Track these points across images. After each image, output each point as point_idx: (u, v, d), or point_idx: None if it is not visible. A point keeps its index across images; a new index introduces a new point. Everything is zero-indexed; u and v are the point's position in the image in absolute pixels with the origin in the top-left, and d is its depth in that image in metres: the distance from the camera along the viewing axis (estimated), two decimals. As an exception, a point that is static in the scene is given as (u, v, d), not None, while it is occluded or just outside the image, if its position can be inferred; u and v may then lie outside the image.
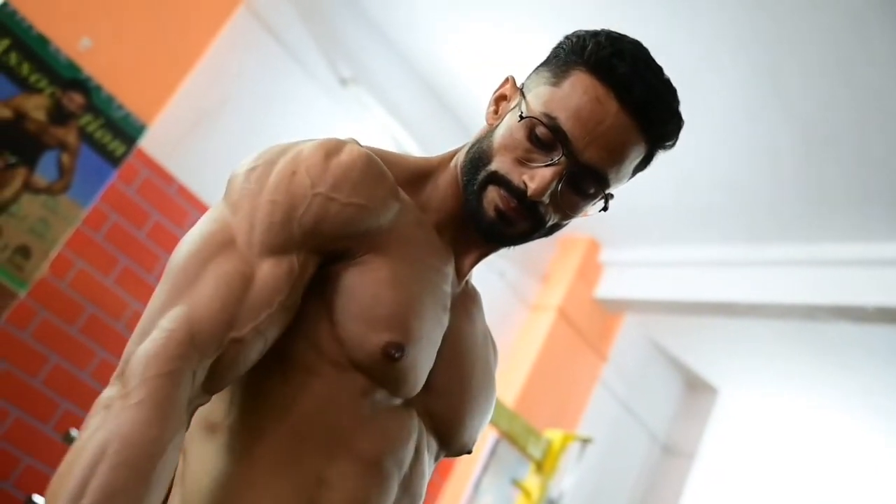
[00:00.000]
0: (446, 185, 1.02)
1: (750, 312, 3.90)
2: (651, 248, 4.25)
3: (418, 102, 3.83)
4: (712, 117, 3.26)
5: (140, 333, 0.84)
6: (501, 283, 4.20)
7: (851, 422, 4.63)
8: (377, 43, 3.73)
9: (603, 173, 0.95)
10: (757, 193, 3.56)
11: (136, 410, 0.78)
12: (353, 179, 0.91)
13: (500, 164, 0.96)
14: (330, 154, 0.92)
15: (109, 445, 0.76)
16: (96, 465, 0.75)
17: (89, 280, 2.94)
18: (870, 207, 3.33)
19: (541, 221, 0.97)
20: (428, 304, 0.94)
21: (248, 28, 3.34)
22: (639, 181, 0.95)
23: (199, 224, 0.91)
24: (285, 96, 3.48)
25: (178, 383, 0.80)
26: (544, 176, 0.92)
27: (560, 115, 0.93)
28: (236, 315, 0.83)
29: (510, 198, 0.94)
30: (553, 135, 0.93)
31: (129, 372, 0.80)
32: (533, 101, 0.96)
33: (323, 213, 0.88)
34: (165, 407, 0.79)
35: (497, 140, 0.97)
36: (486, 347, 1.09)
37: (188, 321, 0.82)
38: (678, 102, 1.01)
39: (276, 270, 0.86)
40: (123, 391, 0.79)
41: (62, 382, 2.88)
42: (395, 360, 0.89)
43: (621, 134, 0.93)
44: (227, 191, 0.92)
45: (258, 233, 0.87)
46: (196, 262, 0.86)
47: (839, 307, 3.55)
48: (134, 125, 2.98)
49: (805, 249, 3.69)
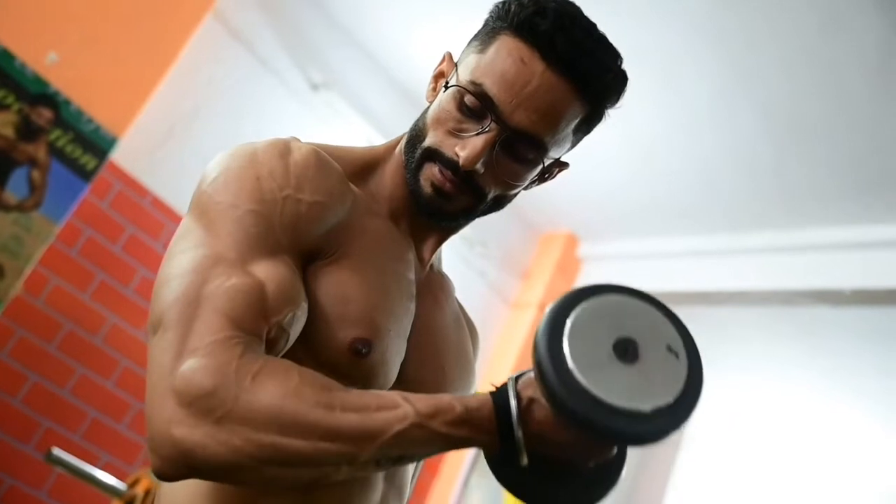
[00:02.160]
0: (394, 172, 1.01)
1: (729, 300, 3.93)
2: (629, 241, 4.26)
3: (391, 104, 3.82)
4: (686, 110, 3.27)
5: (168, 372, 0.76)
6: (482, 283, 4.20)
7: (833, 404, 4.68)
8: (347, 47, 3.71)
9: (537, 137, 0.92)
10: (732, 184, 3.58)
11: (260, 379, 0.75)
12: (311, 177, 0.90)
13: (433, 138, 0.95)
14: (284, 154, 0.91)
15: (285, 404, 0.74)
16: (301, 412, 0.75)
17: (65, 296, 2.91)
18: (839, 193, 3.37)
19: (480, 193, 0.95)
20: (393, 296, 0.93)
21: (218, 36, 3.32)
22: (614, 175, 0.95)
23: (175, 255, 0.84)
24: (257, 103, 3.46)
25: (255, 350, 0.78)
26: (475, 144, 0.91)
27: (485, 80, 0.91)
28: (263, 311, 0.80)
29: (445, 171, 0.93)
30: (480, 102, 0.91)
31: (205, 386, 0.74)
32: (462, 71, 0.94)
33: (295, 213, 0.87)
34: (267, 360, 0.77)
35: (430, 116, 0.96)
36: (460, 331, 1.08)
37: (225, 322, 0.77)
38: (615, 58, 0.96)
39: (281, 270, 0.84)
40: (228, 398, 0.73)
41: (42, 401, 2.85)
42: (362, 356, 0.88)
43: (550, 94, 0.90)
44: (195, 209, 0.88)
45: (246, 245, 0.84)
46: (194, 289, 0.80)
47: (817, 291, 3.58)
48: (105, 138, 2.95)
49: (781, 236, 3.72)
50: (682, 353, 0.86)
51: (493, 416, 0.81)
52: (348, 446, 0.75)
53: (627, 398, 0.79)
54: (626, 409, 0.79)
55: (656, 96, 3.22)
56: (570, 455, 0.84)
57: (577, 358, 0.80)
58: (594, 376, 0.80)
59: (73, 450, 2.78)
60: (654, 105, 3.27)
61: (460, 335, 1.08)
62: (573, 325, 0.83)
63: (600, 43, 0.94)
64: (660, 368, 0.83)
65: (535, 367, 0.82)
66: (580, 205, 4.11)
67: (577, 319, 0.84)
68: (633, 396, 0.80)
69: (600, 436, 0.81)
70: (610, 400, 0.79)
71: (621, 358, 0.82)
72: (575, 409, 0.79)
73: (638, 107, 3.34)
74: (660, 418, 0.80)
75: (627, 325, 0.85)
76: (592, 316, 0.84)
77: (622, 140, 3.49)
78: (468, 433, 0.80)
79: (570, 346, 0.81)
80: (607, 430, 0.79)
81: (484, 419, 0.81)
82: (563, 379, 0.79)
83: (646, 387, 0.81)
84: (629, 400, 0.79)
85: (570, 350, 0.81)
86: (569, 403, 0.79)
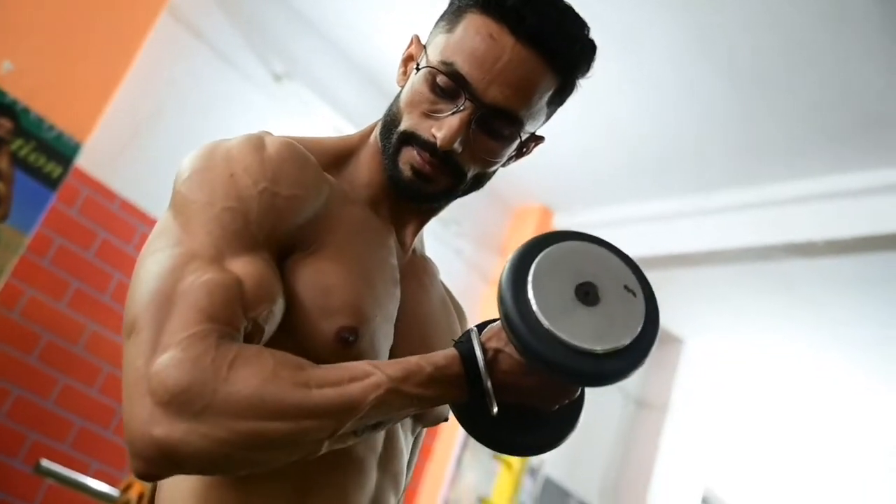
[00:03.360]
0: (370, 159, 1.01)
1: (705, 261, 3.96)
2: (601, 208, 4.28)
3: (357, 92, 3.80)
4: (648, 74, 3.28)
5: (142, 372, 0.75)
6: (459, 261, 4.20)
7: (815, 354, 4.74)
8: (309, 36, 3.68)
9: (512, 112, 0.92)
10: (700, 144, 3.60)
11: (237, 367, 0.76)
12: (287, 170, 0.90)
13: (409, 121, 0.95)
14: (258, 148, 0.90)
15: (265, 387, 0.75)
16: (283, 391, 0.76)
17: (41, 307, 2.88)
18: (807, 146, 3.40)
19: (460, 173, 0.95)
20: (376, 282, 0.93)
21: (174, 34, 3.28)
22: (582, 144, 0.94)
23: (151, 254, 0.84)
24: (221, 98, 3.42)
25: (230, 340, 0.78)
26: (451, 124, 0.91)
27: (456, 59, 0.91)
28: (241, 306, 0.80)
29: (423, 153, 0.93)
30: (453, 81, 0.91)
31: (181, 381, 0.73)
32: (433, 51, 0.94)
33: (271, 207, 0.87)
34: (242, 347, 0.78)
35: (403, 99, 0.96)
36: (447, 313, 1.08)
37: (201, 317, 0.77)
38: (582, 27, 0.96)
39: (258, 266, 0.83)
40: (206, 391, 0.73)
41: (26, 414, 2.82)
42: (349, 344, 0.88)
43: (522, 68, 0.90)
44: (171, 212, 0.87)
45: (223, 242, 0.83)
46: (169, 286, 0.79)
47: (791, 245, 3.62)
48: (68, 144, 2.91)
49: (751, 193, 3.75)
50: (639, 291, 0.88)
51: (462, 371, 0.83)
52: (329, 421, 0.77)
53: (593, 339, 0.82)
54: (593, 350, 0.82)
55: (618, 61, 3.22)
56: (536, 401, 0.86)
57: (541, 304, 0.83)
58: (560, 320, 0.82)
59: (62, 460, 2.76)
60: (616, 70, 3.27)
61: (448, 317, 1.08)
62: (535, 272, 0.86)
63: (567, 14, 0.95)
64: (620, 308, 0.86)
65: (502, 315, 0.84)
66: (551, 177, 4.12)
67: (539, 267, 0.86)
68: (598, 337, 0.83)
69: (569, 377, 0.84)
70: (577, 342, 0.81)
71: (583, 301, 0.85)
72: (544, 354, 0.81)
73: (600, 72, 3.33)
74: (625, 354, 0.83)
75: (586, 270, 0.87)
76: (553, 263, 0.87)
77: (587, 108, 3.50)
78: (440, 391, 0.83)
79: (535, 293, 0.84)
80: (576, 372, 0.82)
81: (453, 375, 0.83)
82: (530, 325, 0.82)
83: (609, 326, 0.84)
84: (595, 341, 0.82)
85: (534, 297, 0.83)
86: (538, 348, 0.81)
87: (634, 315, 0.86)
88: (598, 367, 0.82)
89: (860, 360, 4.62)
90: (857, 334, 4.40)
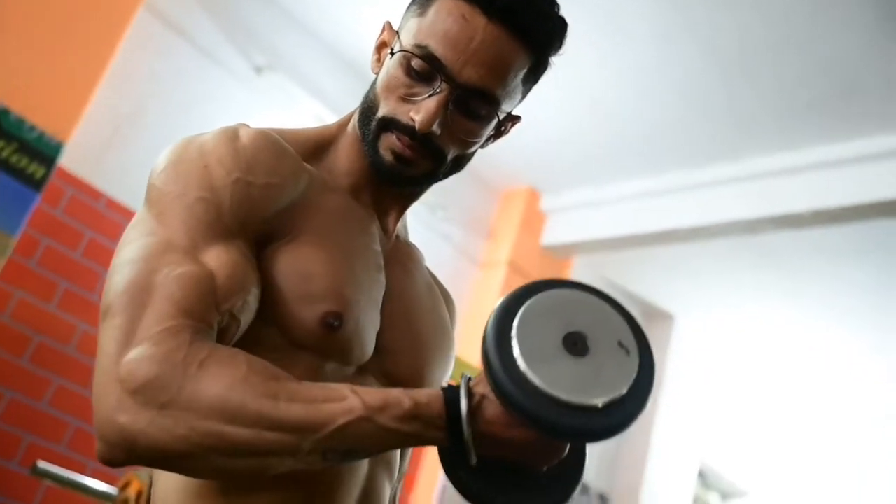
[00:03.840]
0: (349, 148, 1.01)
1: (693, 236, 3.98)
2: (588, 189, 4.29)
3: (340, 81, 3.78)
4: (630, 52, 3.28)
5: (115, 359, 0.77)
6: (448, 246, 4.20)
7: (805, 324, 4.78)
8: (288, 26, 3.66)
9: (488, 91, 0.93)
10: (683, 120, 3.61)
11: (207, 366, 0.76)
12: (262, 159, 0.90)
13: (387, 107, 0.95)
14: (232, 139, 0.91)
15: (230, 393, 0.75)
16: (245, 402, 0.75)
17: (31, 309, 2.87)
18: (790, 118, 3.41)
19: (440, 155, 0.95)
20: (358, 268, 0.94)
21: (152, 28, 3.26)
22: (567, 124, 0.95)
23: (126, 244, 0.85)
24: (202, 92, 3.40)
25: (204, 339, 0.79)
26: (429, 107, 0.91)
27: (430, 42, 0.91)
28: (213, 301, 0.81)
29: (403, 137, 0.94)
30: (428, 64, 0.92)
31: (150, 373, 0.74)
32: (405, 36, 0.95)
33: (245, 197, 0.87)
34: (215, 347, 0.78)
35: (379, 86, 0.97)
36: (434, 298, 1.09)
37: (175, 311, 0.78)
38: (552, 5, 0.97)
39: (232, 257, 0.84)
40: (172, 385, 0.74)
41: (21, 416, 2.82)
42: (334, 329, 0.88)
43: (495, 47, 0.91)
44: (146, 202, 0.89)
45: (197, 233, 0.84)
46: (144, 277, 0.80)
47: (777, 217, 3.63)
48: (50, 144, 2.89)
49: (736, 167, 3.77)
50: (634, 348, 0.84)
51: (443, 411, 0.79)
52: (291, 436, 0.75)
53: (575, 391, 0.78)
54: (573, 403, 0.77)
55: (599, 40, 3.22)
56: (522, 455, 0.82)
57: (524, 351, 0.79)
58: (541, 369, 0.78)
59: (58, 461, 2.76)
60: (597, 49, 3.27)
61: (434, 302, 1.08)
62: (522, 319, 0.82)
63: None
64: (610, 362, 0.81)
65: (483, 360, 0.81)
66: (536, 158, 4.12)
67: (526, 314, 0.83)
68: (581, 390, 0.78)
69: (546, 429, 0.79)
70: (556, 392, 0.77)
71: (570, 351, 0.81)
72: (521, 402, 0.77)
73: (582, 52, 3.34)
74: (609, 412, 0.78)
75: (577, 320, 0.84)
76: (542, 310, 0.84)
77: (570, 88, 3.49)
78: (418, 429, 0.79)
79: (519, 340, 0.80)
80: (552, 424, 0.77)
81: (434, 415, 0.79)
82: (509, 372, 0.78)
83: (595, 380, 0.79)
84: (577, 393, 0.78)
85: (518, 343, 0.80)
86: (515, 396, 0.77)
87: (626, 371, 0.81)
88: (575, 420, 0.77)
89: (851, 329, 4.65)
90: (846, 303, 4.43)
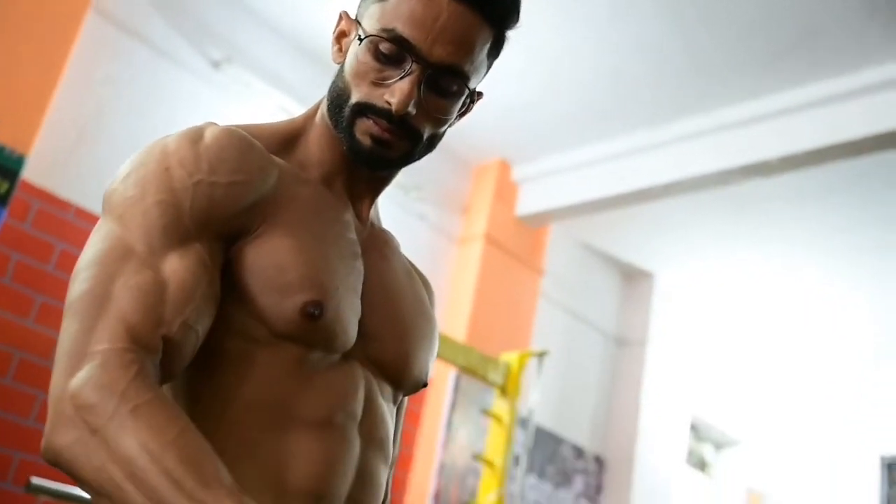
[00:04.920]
0: (318, 138, 1.02)
1: (665, 193, 3.99)
2: (558, 155, 4.29)
3: (301, 69, 3.75)
4: (584, 15, 3.27)
5: (68, 367, 0.79)
6: (424, 226, 4.19)
7: (785, 269, 4.83)
8: (242, 17, 3.62)
9: (458, 67, 0.95)
10: (645, 78, 3.61)
11: (138, 415, 0.75)
12: (226, 157, 0.90)
13: (359, 93, 0.96)
14: (195, 140, 0.91)
15: (143, 453, 0.74)
16: (153, 465, 0.74)
17: (9, 326, 2.84)
18: (749, 67, 3.43)
19: (416, 135, 0.97)
20: (334, 256, 0.94)
21: (104, 32, 3.21)
22: (529, 94, 0.94)
23: (89, 248, 0.86)
24: (161, 91, 3.36)
25: (149, 380, 0.79)
26: (402, 88, 0.93)
27: (396, 24, 0.93)
28: (163, 314, 0.82)
29: (380, 121, 0.94)
30: (397, 46, 0.93)
31: (94, 402, 0.76)
32: (368, 23, 0.96)
33: (208, 198, 0.88)
34: (160, 397, 0.78)
35: (348, 73, 0.97)
36: (412, 282, 1.09)
37: (123, 332, 0.80)
38: None
39: (186, 263, 0.85)
40: (100, 419, 0.75)
41: (9, 435, 2.79)
42: (316, 317, 0.89)
43: (460, 23, 0.93)
44: (107, 206, 0.90)
45: (155, 237, 0.85)
46: (102, 284, 0.82)
47: (747, 166, 3.66)
48: (11, 158, 2.84)
49: (702, 120, 3.78)
50: None
51: None
52: None
53: None
54: None
55: (554, 4, 3.21)
56: None
57: None
58: None
59: (52, 475, 2.74)
60: (554, 15, 3.26)
61: (414, 286, 1.09)
62: None
63: None
64: None
65: None
66: (504, 130, 4.12)
67: None
68: None
69: None
70: None
71: None
72: None
73: (539, 20, 3.33)
74: None
75: None
76: None
77: (528, 56, 3.48)
78: None
79: None
80: None
81: None
82: None
83: None
84: None
85: None
86: None
87: None
88: None
89: (829, 269, 4.71)
90: (821, 244, 4.48)
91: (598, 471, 4.88)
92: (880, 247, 4.37)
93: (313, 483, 0.88)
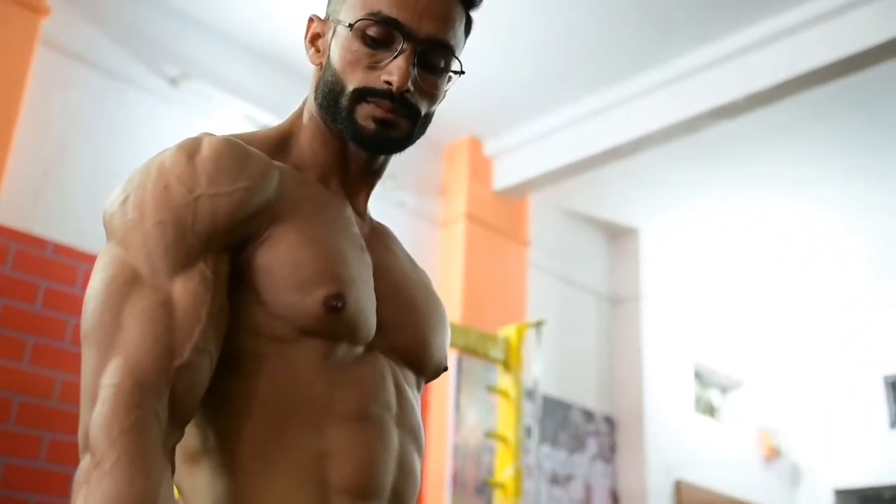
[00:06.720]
0: (310, 139, 1.03)
1: (637, 147, 4.00)
2: (526, 124, 4.29)
3: (260, 76, 3.71)
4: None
5: (88, 401, 0.81)
6: (404, 213, 4.19)
7: (765, 207, 4.85)
8: (194, 32, 3.59)
9: (446, 42, 0.97)
10: (601, 36, 3.61)
11: (114, 472, 0.76)
12: (226, 167, 0.90)
13: (355, 80, 0.97)
14: (192, 154, 0.90)
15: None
16: None
17: (4, 372, 2.82)
18: (702, 11, 3.43)
19: (416, 112, 0.98)
20: (346, 250, 0.95)
21: (55, 63, 3.17)
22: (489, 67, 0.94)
23: (95, 275, 0.87)
24: (122, 115, 3.33)
25: (145, 430, 0.79)
26: (399, 66, 0.94)
27: (381, 7, 0.95)
28: (172, 343, 0.82)
29: (382, 102, 0.96)
30: (385, 27, 0.95)
31: (93, 440, 0.78)
32: (349, 14, 0.97)
33: (212, 212, 0.87)
34: (142, 458, 0.78)
35: (338, 65, 0.98)
36: (417, 270, 1.11)
37: (129, 368, 0.80)
38: None
39: (190, 285, 0.85)
40: (94, 460, 0.77)
41: (21, 479, 2.78)
42: (339, 310, 0.89)
43: (439, 0, 0.97)
44: (109, 231, 0.89)
45: (158, 258, 0.85)
46: (110, 312, 0.83)
47: (713, 109, 3.67)
48: (-19, 204, 2.81)
49: (664, 70, 3.78)
50: None
51: None
52: None
53: None
54: None
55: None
56: None
57: None
58: None
59: (70, 514, 2.73)
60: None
61: (420, 275, 1.11)
62: None
63: None
64: None
65: None
66: (470, 107, 4.11)
67: None
68: None
69: None
70: None
71: None
72: None
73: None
74: None
75: None
76: None
77: (484, 30, 3.47)
78: None
79: None
80: None
81: None
82: None
83: None
84: None
85: None
86: None
87: None
88: None
89: (811, 199, 4.73)
90: (794, 175, 4.50)
91: (610, 431, 4.91)
92: (860, 170, 4.40)
93: (357, 478, 0.89)
